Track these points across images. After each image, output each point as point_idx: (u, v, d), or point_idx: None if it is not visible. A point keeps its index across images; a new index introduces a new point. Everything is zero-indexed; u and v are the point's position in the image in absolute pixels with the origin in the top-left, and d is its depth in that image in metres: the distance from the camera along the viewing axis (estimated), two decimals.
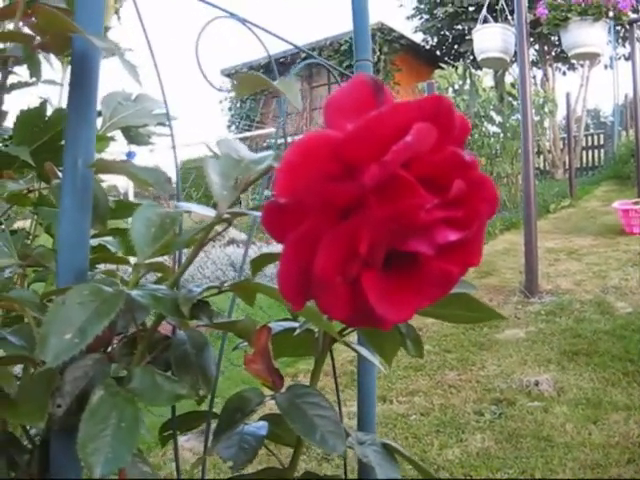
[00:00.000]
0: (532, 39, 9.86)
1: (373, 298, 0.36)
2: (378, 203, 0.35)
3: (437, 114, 0.36)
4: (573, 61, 13.78)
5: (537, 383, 2.96)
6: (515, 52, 5.22)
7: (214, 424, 0.64)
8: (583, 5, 5.41)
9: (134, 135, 0.94)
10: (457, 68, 9.31)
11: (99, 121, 0.85)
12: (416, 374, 3.24)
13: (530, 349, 3.49)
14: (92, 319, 0.45)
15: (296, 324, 0.71)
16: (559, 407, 2.70)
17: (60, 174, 0.64)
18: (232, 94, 16.78)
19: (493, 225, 7.47)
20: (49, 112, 0.78)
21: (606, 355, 3.26)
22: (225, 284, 0.55)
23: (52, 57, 0.87)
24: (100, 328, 0.45)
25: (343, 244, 0.35)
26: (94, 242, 0.78)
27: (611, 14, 5.57)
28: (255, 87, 0.54)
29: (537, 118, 10.90)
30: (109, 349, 0.58)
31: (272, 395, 0.64)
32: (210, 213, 0.51)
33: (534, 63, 14.48)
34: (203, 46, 0.79)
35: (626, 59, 13.31)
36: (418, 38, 16.92)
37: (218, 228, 0.52)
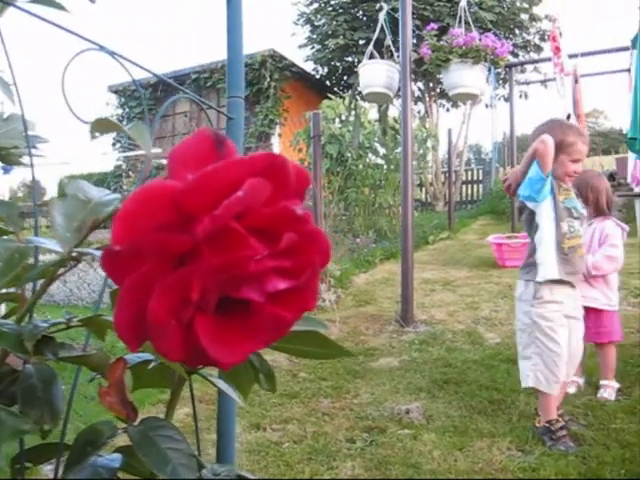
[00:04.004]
0: (417, 76, 10.21)
1: (205, 341, 0.38)
2: (210, 253, 0.37)
3: (270, 170, 0.38)
4: None
5: (408, 411, 3.04)
6: (399, 88, 5.40)
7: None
8: (464, 48, 5.68)
9: (5, 155, 0.93)
10: (344, 99, 9.51)
11: None
12: (291, 401, 3.26)
13: (403, 377, 3.59)
14: None
15: (153, 356, 0.71)
16: (428, 435, 2.78)
17: None
18: (118, 111, 16.50)
19: (373, 254, 7.66)
20: None
21: (474, 384, 3.40)
22: (74, 319, 0.55)
23: None
24: None
25: (176, 290, 0.37)
26: None
27: (490, 58, 5.86)
28: (107, 131, 0.55)
29: (420, 152, 11.28)
30: None
31: (125, 428, 0.64)
32: (59, 250, 0.51)
33: (419, 99, 15.02)
34: (91, 63, 0.79)
35: (505, 100, 14.00)
36: (309, 67, 17.17)
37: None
